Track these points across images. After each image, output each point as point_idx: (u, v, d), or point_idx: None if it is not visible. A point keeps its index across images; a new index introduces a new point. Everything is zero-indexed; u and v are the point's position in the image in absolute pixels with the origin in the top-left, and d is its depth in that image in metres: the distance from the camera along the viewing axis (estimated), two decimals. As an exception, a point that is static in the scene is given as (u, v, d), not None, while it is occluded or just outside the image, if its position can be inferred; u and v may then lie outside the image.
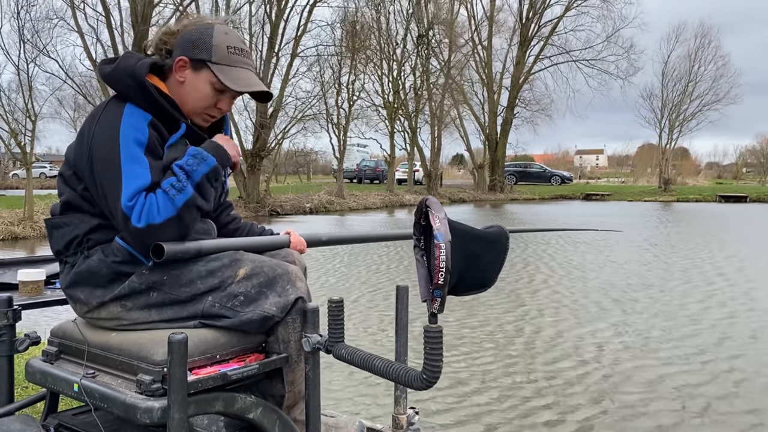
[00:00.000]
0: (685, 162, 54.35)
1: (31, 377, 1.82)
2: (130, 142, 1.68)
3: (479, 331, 5.95)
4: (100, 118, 1.75)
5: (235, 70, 1.83)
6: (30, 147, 16.04)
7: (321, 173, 52.20)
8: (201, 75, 1.81)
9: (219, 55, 1.80)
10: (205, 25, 1.84)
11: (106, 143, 1.69)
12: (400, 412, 1.99)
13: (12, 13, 16.62)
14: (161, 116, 1.75)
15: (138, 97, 1.73)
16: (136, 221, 1.63)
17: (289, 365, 1.78)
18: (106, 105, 1.79)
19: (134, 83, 1.73)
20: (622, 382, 4.52)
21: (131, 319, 1.74)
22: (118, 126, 1.69)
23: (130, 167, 1.66)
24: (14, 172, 39.41)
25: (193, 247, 1.71)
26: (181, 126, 1.79)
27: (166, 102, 1.75)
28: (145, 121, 1.71)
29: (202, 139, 1.83)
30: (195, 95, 1.82)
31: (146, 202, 1.64)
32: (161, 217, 1.64)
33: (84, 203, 1.77)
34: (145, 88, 1.72)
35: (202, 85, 1.81)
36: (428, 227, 1.37)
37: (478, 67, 36.10)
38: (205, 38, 1.80)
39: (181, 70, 1.81)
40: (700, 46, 36.57)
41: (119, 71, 1.76)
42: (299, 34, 23.91)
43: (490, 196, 33.80)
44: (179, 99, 1.82)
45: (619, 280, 8.67)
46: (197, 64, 1.80)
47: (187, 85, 1.82)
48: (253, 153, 23.09)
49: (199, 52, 1.79)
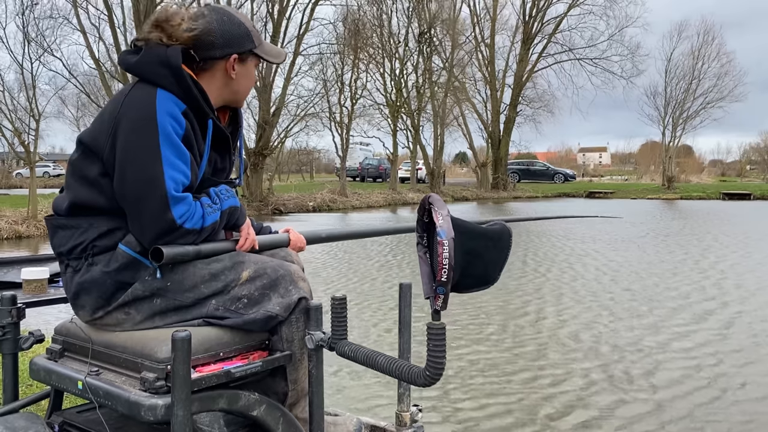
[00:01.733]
0: (689, 159, 54.22)
1: (36, 375, 1.82)
2: (167, 126, 1.62)
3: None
4: (127, 97, 1.68)
5: (266, 45, 1.92)
6: (33, 146, 16.08)
7: (324, 172, 52.24)
8: (248, 63, 1.87)
9: (256, 39, 1.86)
10: (223, 14, 1.82)
11: (141, 121, 1.62)
12: (403, 409, 1.99)
13: (17, 12, 16.65)
14: (193, 108, 1.70)
15: (171, 84, 1.66)
16: (177, 216, 1.62)
17: (293, 363, 1.78)
18: (133, 87, 1.71)
19: (167, 70, 1.66)
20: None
21: (135, 325, 1.73)
22: (153, 106, 1.63)
23: (170, 155, 1.62)
24: (18, 171, 39.49)
25: (192, 249, 1.71)
26: (208, 123, 1.75)
27: (199, 93, 1.70)
28: (180, 110, 1.66)
29: (224, 137, 1.82)
30: (247, 83, 1.89)
31: (195, 205, 1.68)
32: (193, 225, 1.67)
33: (96, 198, 1.69)
34: (180, 75, 1.66)
35: (252, 71, 1.90)
36: (431, 224, 1.37)
37: (480, 65, 36.07)
38: (242, 29, 1.82)
39: (231, 68, 1.81)
40: (703, 43, 36.46)
41: (149, 58, 1.69)
42: (302, 32, 23.93)
43: (493, 194, 33.77)
44: (229, 94, 1.85)
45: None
46: (244, 55, 1.84)
47: (239, 77, 1.84)
48: (256, 151, 23.09)
49: (244, 44, 1.82)
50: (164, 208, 1.61)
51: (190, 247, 1.70)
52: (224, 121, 1.92)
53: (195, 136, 1.71)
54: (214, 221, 1.73)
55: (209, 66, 1.78)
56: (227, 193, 1.80)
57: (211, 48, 1.76)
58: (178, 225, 1.63)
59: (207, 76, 1.79)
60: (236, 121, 1.96)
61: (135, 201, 1.64)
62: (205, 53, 1.76)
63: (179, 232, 1.65)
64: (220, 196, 1.77)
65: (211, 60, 1.78)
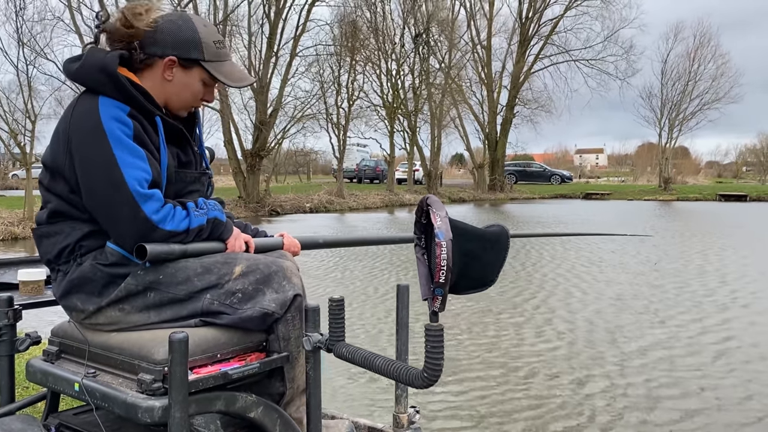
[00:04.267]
0: (685, 161, 54.33)
1: (32, 377, 1.82)
2: (115, 130, 1.64)
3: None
4: (73, 112, 1.71)
5: (225, 65, 1.85)
6: (30, 147, 16.04)
7: (321, 173, 52.18)
8: (192, 73, 1.82)
9: (210, 52, 1.81)
10: (181, 19, 1.81)
11: (89, 133, 1.65)
12: (401, 410, 1.99)
13: (8, 16, 16.60)
14: (137, 108, 1.71)
15: (111, 90, 1.69)
16: (150, 212, 1.63)
17: (290, 362, 1.78)
18: (77, 101, 1.74)
19: (105, 77, 1.68)
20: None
21: (130, 322, 1.73)
22: (97, 115, 1.65)
23: (125, 155, 1.63)
24: (14, 172, 39.36)
25: (178, 249, 1.71)
26: (156, 119, 1.75)
27: (139, 94, 1.71)
28: (124, 112, 1.68)
29: (178, 131, 1.82)
30: (185, 93, 1.83)
31: (175, 210, 1.69)
32: (175, 226, 1.68)
33: (73, 210, 1.73)
34: (117, 80, 1.68)
35: (194, 83, 1.83)
36: (429, 225, 1.37)
37: (477, 67, 36.10)
38: (192, 36, 1.79)
39: (169, 69, 1.79)
40: (699, 45, 36.56)
41: (87, 66, 1.71)
42: (298, 33, 23.90)
43: (490, 195, 33.79)
44: (165, 96, 1.82)
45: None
46: (188, 63, 1.80)
47: (176, 83, 1.81)
48: (252, 153, 23.07)
49: (189, 51, 1.79)
50: (134, 207, 1.62)
51: (176, 246, 1.70)
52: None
53: (147, 134, 1.71)
54: (201, 223, 1.75)
55: (150, 62, 1.79)
56: (215, 206, 1.82)
57: (154, 44, 1.77)
58: (154, 222, 1.64)
59: (148, 72, 1.80)
60: (193, 115, 1.95)
61: (106, 210, 1.66)
62: (148, 49, 1.77)
63: (160, 233, 1.66)
64: (208, 206, 1.79)
65: (152, 57, 1.78)
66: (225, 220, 1.85)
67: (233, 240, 1.86)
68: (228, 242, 1.85)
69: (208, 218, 1.77)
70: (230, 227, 1.88)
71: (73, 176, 1.69)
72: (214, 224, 1.80)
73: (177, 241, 1.71)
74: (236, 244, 1.86)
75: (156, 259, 1.67)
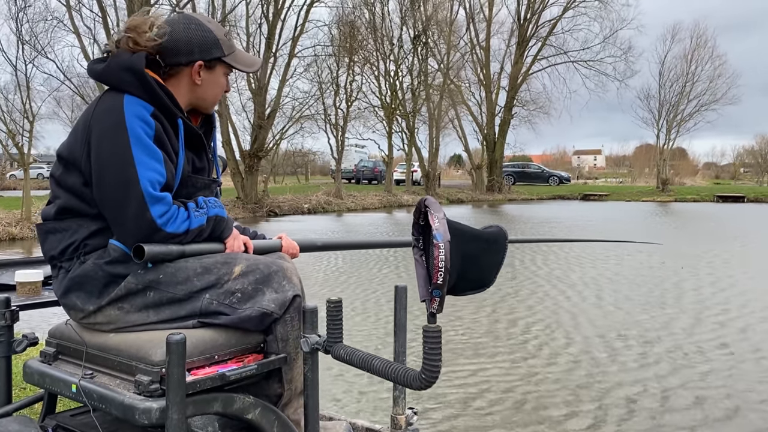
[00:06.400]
0: (683, 162, 54.40)
1: (29, 378, 1.81)
2: (137, 129, 1.66)
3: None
4: (96, 107, 1.73)
5: (238, 54, 1.92)
6: (27, 148, 16.01)
7: (319, 174, 52.17)
8: (216, 70, 1.88)
9: (226, 47, 1.87)
10: (190, 22, 1.83)
11: (111, 128, 1.66)
12: (398, 412, 1.99)
13: (10, 15, 16.59)
14: (160, 109, 1.73)
15: (137, 89, 1.70)
16: (156, 215, 1.64)
17: (288, 364, 1.78)
18: (101, 97, 1.76)
19: (132, 76, 1.70)
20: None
21: (129, 321, 1.73)
22: (121, 112, 1.67)
23: (142, 155, 1.65)
24: (12, 173, 39.32)
25: (176, 249, 1.72)
26: (178, 122, 1.77)
27: (164, 95, 1.73)
28: (148, 112, 1.69)
29: (196, 136, 1.86)
30: (214, 90, 1.90)
31: (176, 208, 1.70)
32: (176, 228, 1.69)
33: (82, 205, 1.74)
34: (143, 78, 1.70)
35: (220, 79, 1.90)
36: (427, 227, 1.37)
37: (476, 68, 36.13)
38: (209, 36, 1.83)
39: (197, 73, 1.84)
40: (696, 46, 36.60)
41: (114, 66, 1.73)
42: (297, 34, 23.90)
43: (488, 196, 33.79)
44: (194, 99, 1.87)
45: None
46: (211, 63, 1.85)
47: (204, 84, 1.86)
48: (251, 153, 23.06)
49: (211, 51, 1.84)
50: (143, 208, 1.63)
51: (174, 246, 1.71)
52: (197, 122, 1.95)
53: (167, 136, 1.73)
54: (200, 224, 1.76)
55: (175, 72, 1.82)
56: (215, 203, 1.83)
57: (176, 54, 1.80)
58: (159, 225, 1.65)
59: (173, 81, 1.83)
60: (209, 122, 1.99)
61: (114, 205, 1.67)
62: (170, 59, 1.80)
63: (161, 235, 1.67)
64: (207, 204, 1.80)
65: (176, 66, 1.81)
66: (226, 216, 1.86)
67: (232, 240, 1.87)
68: (227, 242, 1.86)
69: (209, 217, 1.78)
70: (231, 224, 1.89)
71: (88, 167, 1.69)
72: (215, 222, 1.81)
73: (176, 242, 1.71)
74: (235, 245, 1.87)
75: (154, 259, 1.68)
